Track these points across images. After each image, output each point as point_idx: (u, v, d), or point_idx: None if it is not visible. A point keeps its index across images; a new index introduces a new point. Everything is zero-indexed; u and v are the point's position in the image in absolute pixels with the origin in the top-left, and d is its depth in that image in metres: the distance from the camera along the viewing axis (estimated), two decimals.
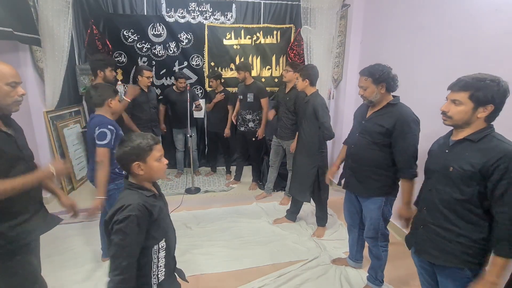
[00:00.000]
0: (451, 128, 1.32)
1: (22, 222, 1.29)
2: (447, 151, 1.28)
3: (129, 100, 2.66)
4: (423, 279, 1.50)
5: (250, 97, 3.45)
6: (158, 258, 1.18)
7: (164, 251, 1.20)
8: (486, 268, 1.20)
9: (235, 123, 3.77)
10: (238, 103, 3.66)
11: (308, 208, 3.17)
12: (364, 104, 1.89)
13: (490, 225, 1.20)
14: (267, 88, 4.08)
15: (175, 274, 1.34)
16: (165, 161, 1.21)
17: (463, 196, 1.20)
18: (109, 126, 1.90)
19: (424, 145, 2.32)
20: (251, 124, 3.53)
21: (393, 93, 1.78)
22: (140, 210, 1.07)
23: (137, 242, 1.08)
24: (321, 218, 2.76)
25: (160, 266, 1.20)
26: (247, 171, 4.02)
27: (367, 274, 2.09)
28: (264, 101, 3.44)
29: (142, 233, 1.09)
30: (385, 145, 1.73)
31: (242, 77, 3.41)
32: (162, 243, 1.19)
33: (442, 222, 1.28)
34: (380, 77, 1.67)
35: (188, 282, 1.37)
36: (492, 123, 1.22)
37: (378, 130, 1.72)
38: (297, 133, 2.86)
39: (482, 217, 1.20)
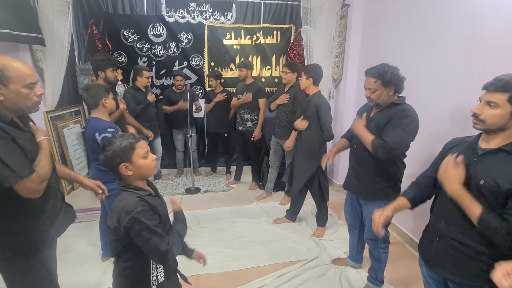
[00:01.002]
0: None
1: (48, 220, 1.30)
2: (475, 160, 1.14)
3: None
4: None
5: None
6: None
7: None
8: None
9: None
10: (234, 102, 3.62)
11: (308, 208, 3.17)
12: (368, 104, 1.85)
13: None
14: (267, 88, 4.08)
15: (177, 275, 1.33)
16: (153, 157, 1.19)
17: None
18: (109, 130, 1.90)
19: (422, 146, 2.33)
20: (249, 124, 3.53)
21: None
22: (142, 205, 1.08)
23: (157, 223, 1.11)
24: (321, 218, 2.75)
25: (159, 267, 1.20)
26: (247, 171, 4.02)
27: (367, 275, 2.09)
28: (262, 102, 3.44)
29: (156, 217, 1.12)
30: None
31: (244, 75, 3.41)
32: None
33: (462, 237, 1.16)
34: (390, 79, 1.60)
35: (190, 284, 1.36)
36: None
37: (378, 129, 1.70)
38: (293, 132, 2.86)
39: None
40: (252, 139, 3.53)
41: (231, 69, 4.17)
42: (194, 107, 3.74)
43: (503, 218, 1.03)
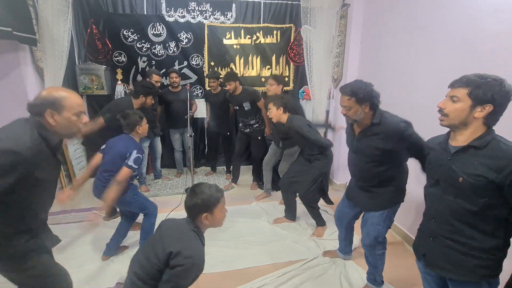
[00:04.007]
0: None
1: (31, 238, 1.31)
2: (449, 158, 1.20)
3: None
4: (428, 286, 1.44)
5: (247, 106, 3.43)
6: None
7: None
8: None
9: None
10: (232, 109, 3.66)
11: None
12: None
13: (505, 232, 1.15)
14: (266, 88, 4.06)
15: None
16: (226, 211, 1.30)
17: (475, 207, 1.13)
18: (141, 151, 2.10)
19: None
20: (255, 126, 3.55)
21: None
22: (201, 262, 1.20)
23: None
24: (317, 219, 2.75)
25: None
26: (245, 171, 4.02)
27: (366, 275, 2.09)
28: (260, 104, 3.43)
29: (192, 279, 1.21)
30: (384, 160, 1.68)
31: (233, 88, 3.37)
32: None
33: (453, 234, 1.21)
34: (364, 97, 1.59)
35: None
36: (493, 128, 1.16)
37: (373, 151, 1.67)
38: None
39: (496, 226, 1.15)
40: (259, 137, 3.55)
41: (231, 69, 4.16)
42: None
43: None
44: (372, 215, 1.84)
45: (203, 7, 3.91)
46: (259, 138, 3.55)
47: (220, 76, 3.79)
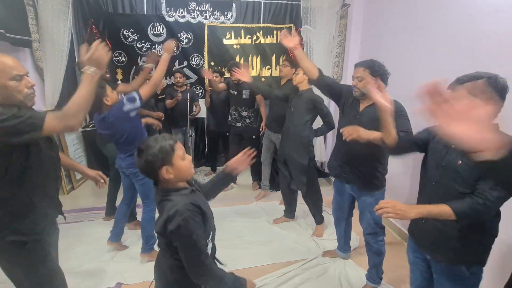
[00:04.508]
0: None
1: (51, 204, 1.33)
2: (453, 145, 1.25)
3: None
4: (413, 277, 1.49)
5: (245, 94, 3.43)
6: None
7: (210, 250, 1.19)
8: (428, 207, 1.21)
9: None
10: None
11: (307, 208, 3.17)
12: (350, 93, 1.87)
13: (496, 218, 1.20)
14: None
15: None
16: (189, 158, 1.14)
17: (468, 189, 1.19)
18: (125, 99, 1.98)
19: None
20: (248, 121, 3.53)
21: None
22: (189, 209, 1.03)
23: (202, 235, 1.08)
24: (316, 214, 2.75)
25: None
26: (246, 171, 4.01)
27: (366, 273, 2.09)
28: (259, 98, 3.44)
29: (201, 226, 1.07)
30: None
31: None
32: (209, 241, 1.17)
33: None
34: (378, 70, 1.70)
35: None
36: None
37: (375, 125, 1.67)
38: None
39: None
40: (253, 136, 3.54)
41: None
42: (193, 108, 3.74)
43: (470, 197, 1.16)
44: (369, 203, 1.88)
45: (203, 7, 3.91)
46: (254, 137, 3.54)
47: (225, 75, 3.79)
